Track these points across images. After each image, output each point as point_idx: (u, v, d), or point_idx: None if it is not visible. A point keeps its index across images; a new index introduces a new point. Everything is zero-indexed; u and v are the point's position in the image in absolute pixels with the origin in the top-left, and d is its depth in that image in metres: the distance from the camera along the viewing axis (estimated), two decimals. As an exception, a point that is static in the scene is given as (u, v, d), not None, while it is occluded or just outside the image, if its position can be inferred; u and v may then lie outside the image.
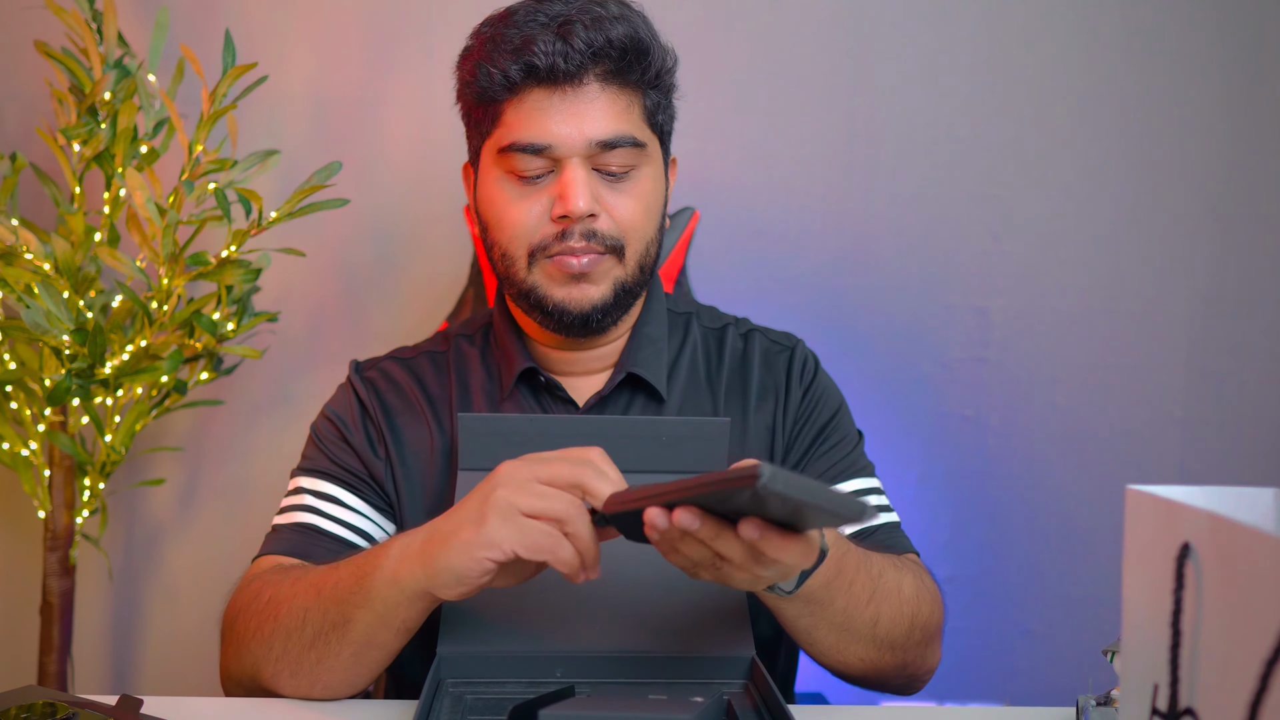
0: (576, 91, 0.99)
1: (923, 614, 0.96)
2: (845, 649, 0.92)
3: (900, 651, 0.95)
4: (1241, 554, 0.50)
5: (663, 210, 1.07)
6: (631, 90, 1.02)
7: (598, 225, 1.00)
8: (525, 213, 1.01)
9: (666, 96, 1.07)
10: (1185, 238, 1.78)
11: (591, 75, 0.99)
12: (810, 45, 1.74)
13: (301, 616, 0.88)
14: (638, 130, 1.02)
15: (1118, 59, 1.76)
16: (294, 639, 0.88)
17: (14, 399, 1.52)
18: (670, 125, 1.09)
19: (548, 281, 1.02)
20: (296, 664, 0.89)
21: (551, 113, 0.99)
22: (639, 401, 1.08)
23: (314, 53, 1.71)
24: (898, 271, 1.77)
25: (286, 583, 0.91)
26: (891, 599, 0.92)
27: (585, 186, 0.99)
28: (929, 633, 0.98)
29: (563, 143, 0.99)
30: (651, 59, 1.02)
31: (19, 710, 0.81)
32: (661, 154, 1.07)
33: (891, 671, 0.97)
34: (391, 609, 0.83)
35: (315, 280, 1.73)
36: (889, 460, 1.70)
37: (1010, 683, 1.80)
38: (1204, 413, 1.80)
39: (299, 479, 1.06)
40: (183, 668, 1.76)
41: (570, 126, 0.99)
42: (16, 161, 1.47)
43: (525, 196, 1.01)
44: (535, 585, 0.89)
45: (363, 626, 0.85)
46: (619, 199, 1.01)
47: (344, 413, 1.09)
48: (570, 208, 0.98)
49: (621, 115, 1.01)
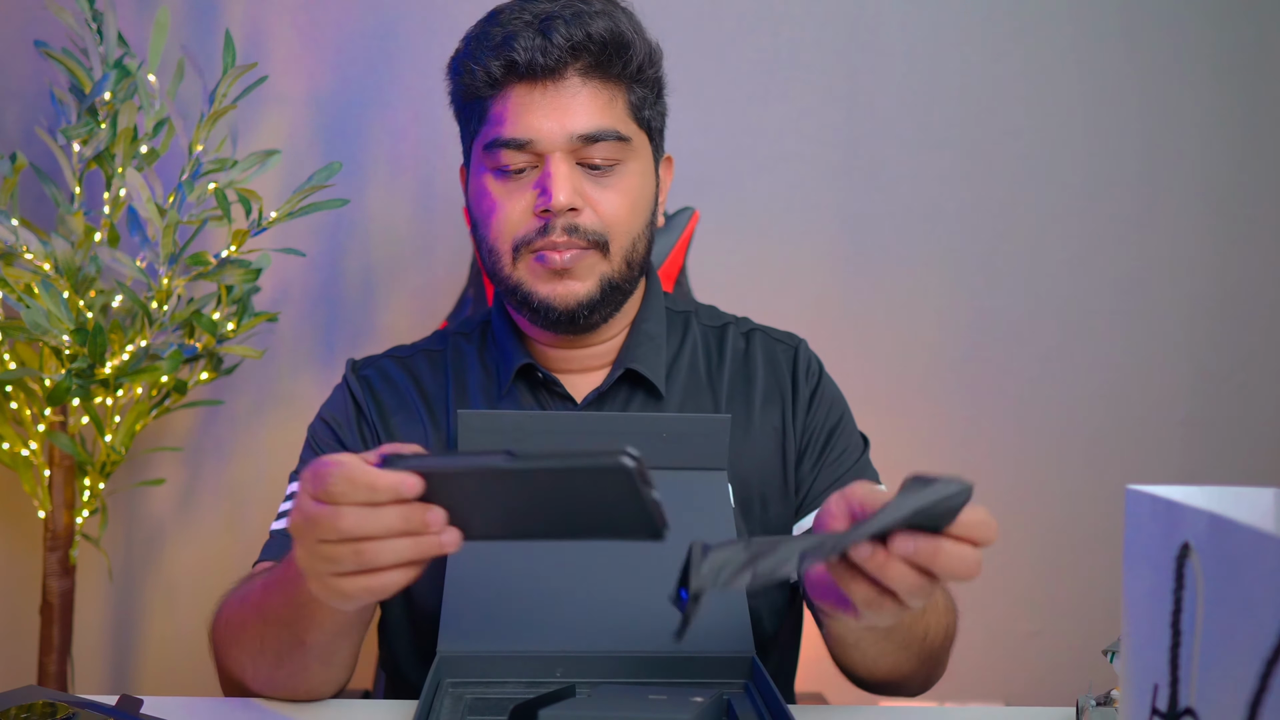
0: (557, 86, 1.00)
1: (951, 622, 0.97)
2: (900, 666, 0.93)
3: (934, 660, 0.96)
4: (1241, 554, 0.50)
5: (652, 207, 1.07)
6: (614, 84, 1.02)
7: (580, 220, 1.00)
8: (510, 208, 1.02)
9: (653, 92, 1.07)
10: (1186, 238, 1.78)
11: (572, 70, 1.00)
12: (810, 45, 1.74)
13: (259, 643, 0.88)
14: (621, 124, 1.02)
15: (1118, 59, 1.76)
16: (261, 662, 0.89)
17: (14, 399, 1.52)
18: (660, 122, 1.09)
19: (531, 278, 1.02)
20: (269, 680, 0.90)
21: (533, 108, 1.00)
22: (638, 398, 1.08)
23: (314, 53, 1.71)
24: (898, 271, 1.77)
25: (236, 604, 0.92)
26: (935, 610, 0.93)
27: (567, 180, 0.99)
28: (953, 638, 0.99)
29: (544, 137, 0.99)
30: (633, 53, 1.02)
31: (19, 710, 0.81)
32: (651, 151, 1.07)
33: (920, 678, 0.98)
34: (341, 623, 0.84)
35: (315, 280, 1.73)
36: (889, 460, 1.70)
37: (1010, 683, 1.80)
38: (1204, 413, 1.80)
39: (295, 484, 1.06)
40: (183, 668, 1.76)
41: (552, 121, 0.99)
42: (16, 161, 1.47)
43: (510, 192, 1.02)
44: (535, 586, 0.89)
45: (319, 644, 0.85)
46: (603, 194, 1.02)
47: (338, 414, 1.09)
48: (551, 200, 0.99)
49: (604, 109, 1.01)
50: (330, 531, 0.68)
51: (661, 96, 1.08)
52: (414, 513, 0.68)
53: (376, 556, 0.68)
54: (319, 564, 0.70)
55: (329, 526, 0.68)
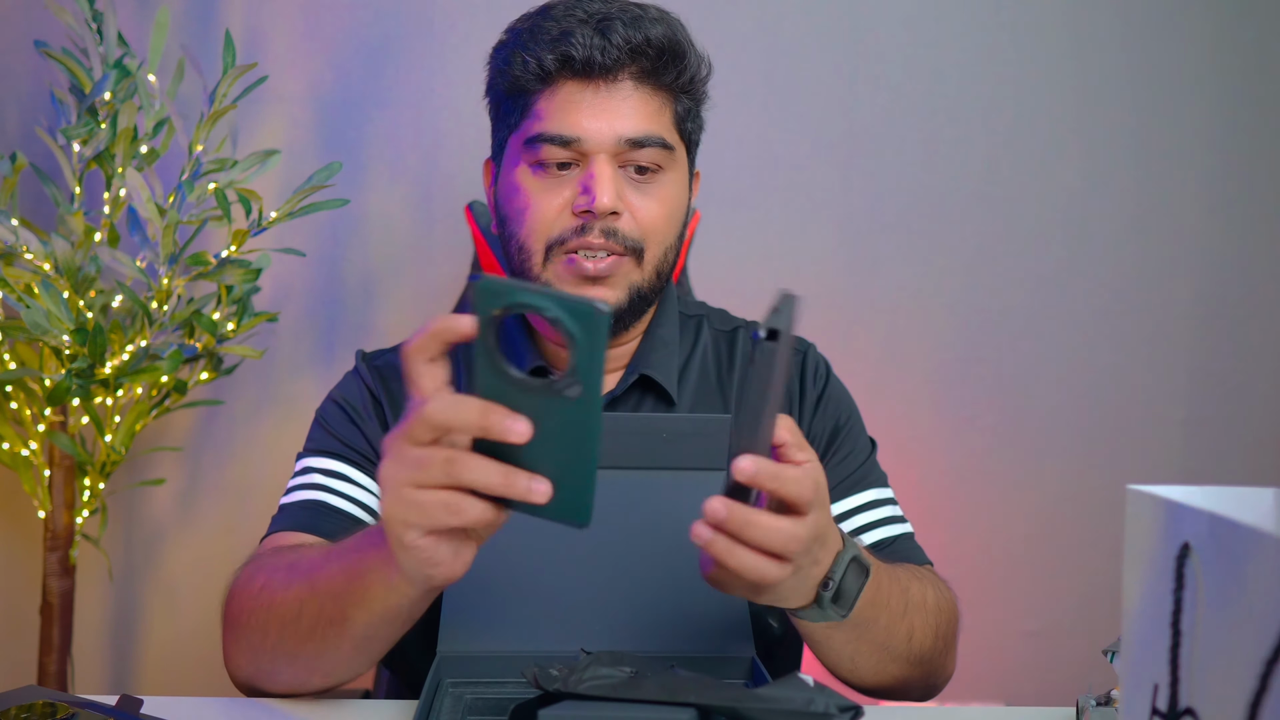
0: (610, 87, 0.99)
1: (943, 623, 0.95)
2: (884, 669, 0.91)
3: (928, 664, 0.94)
4: (1241, 554, 0.50)
5: (685, 219, 1.07)
6: (664, 93, 1.02)
7: (619, 224, 0.99)
8: (546, 205, 1.00)
9: (697, 105, 1.06)
10: (1185, 238, 1.78)
11: (626, 73, 0.99)
12: (810, 45, 1.74)
13: (297, 609, 0.84)
14: (667, 133, 1.02)
15: (1118, 59, 1.76)
16: (289, 630, 0.85)
17: (14, 399, 1.52)
18: (698, 136, 1.09)
19: (561, 281, 1.01)
20: (293, 654, 0.86)
21: (583, 106, 0.99)
22: (649, 403, 1.08)
23: (314, 53, 1.71)
24: (898, 271, 1.77)
25: (280, 569, 0.88)
26: (919, 611, 0.91)
27: (611, 183, 0.98)
28: (950, 641, 0.97)
29: (592, 137, 0.98)
30: (687, 63, 1.02)
31: (19, 710, 0.81)
32: (687, 163, 1.07)
33: (918, 683, 0.96)
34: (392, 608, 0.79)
35: (315, 280, 1.73)
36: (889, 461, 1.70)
37: (1010, 683, 1.80)
38: (1204, 413, 1.80)
39: (306, 460, 1.05)
40: (183, 668, 1.76)
41: (601, 121, 0.98)
42: (16, 161, 1.47)
43: (548, 189, 1.00)
44: (536, 586, 0.89)
45: (361, 625, 0.81)
46: (643, 200, 1.01)
47: (353, 398, 1.08)
48: (595, 202, 0.97)
49: (653, 116, 1.01)
50: (421, 427, 0.67)
51: (702, 110, 1.08)
52: (495, 416, 0.65)
53: (465, 469, 0.66)
54: (406, 476, 0.68)
55: (420, 422, 0.67)
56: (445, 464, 0.66)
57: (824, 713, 0.67)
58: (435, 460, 0.67)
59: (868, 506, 1.06)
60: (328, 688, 0.89)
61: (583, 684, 0.72)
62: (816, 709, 0.67)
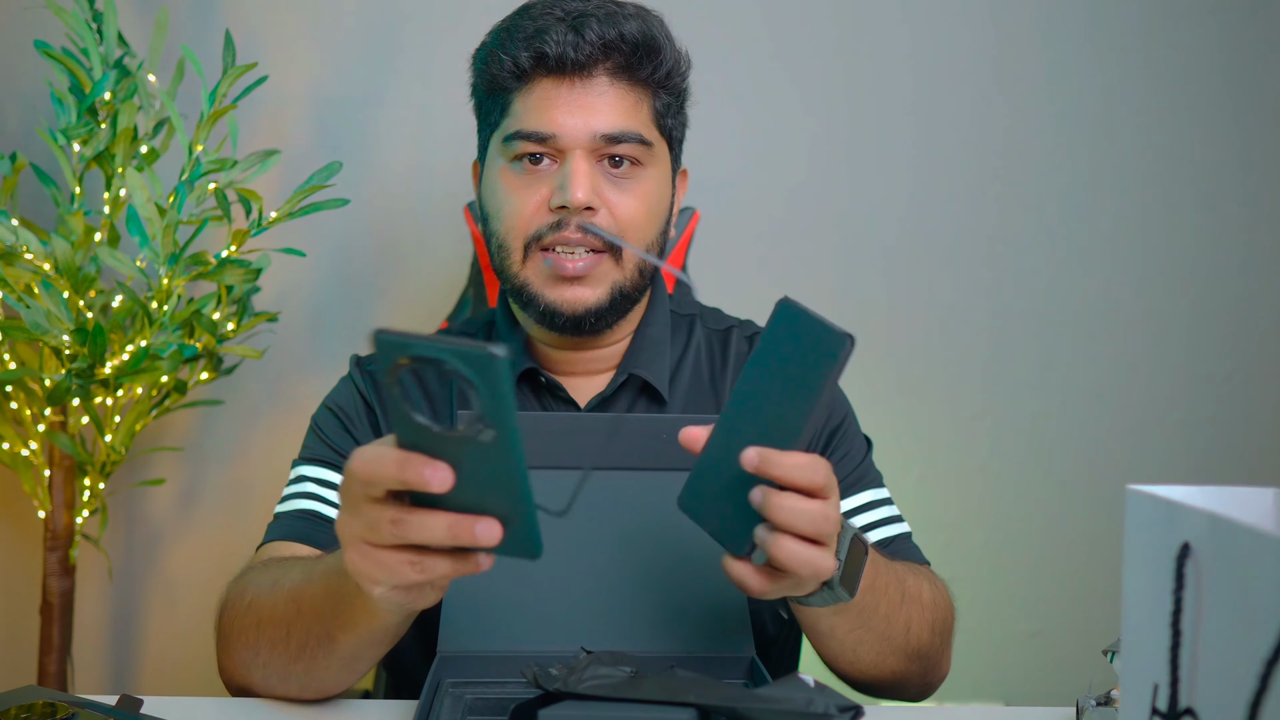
0: (585, 84, 0.99)
1: (939, 620, 0.96)
2: (884, 661, 0.91)
3: (925, 659, 0.95)
4: (1241, 554, 0.50)
5: (667, 216, 1.07)
6: (641, 88, 1.02)
7: (596, 220, 1.00)
8: (523, 202, 1.01)
9: (678, 101, 1.06)
10: (1185, 238, 1.78)
11: (601, 69, 1.00)
12: (811, 45, 1.74)
13: (285, 630, 0.85)
14: (645, 129, 1.02)
15: (1118, 60, 1.76)
16: (279, 651, 0.86)
17: (14, 399, 1.52)
18: (681, 133, 1.08)
19: (540, 280, 1.01)
20: (284, 673, 0.88)
21: (559, 103, 0.99)
22: (641, 403, 1.08)
23: (314, 53, 1.71)
24: (897, 272, 1.77)
25: (266, 587, 0.89)
26: (916, 603, 0.92)
27: (586, 178, 0.99)
28: (946, 638, 0.98)
29: (567, 133, 0.99)
30: (663, 58, 1.02)
31: (19, 710, 0.81)
32: (670, 160, 1.07)
33: (915, 679, 0.97)
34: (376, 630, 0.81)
35: (315, 280, 1.73)
36: (889, 461, 1.71)
37: (1010, 683, 1.80)
38: (1204, 413, 1.80)
39: (300, 468, 1.05)
40: (183, 668, 1.76)
41: (576, 118, 0.99)
42: (16, 161, 1.47)
43: (525, 186, 1.01)
44: (536, 586, 0.89)
45: (348, 646, 0.83)
46: (620, 196, 1.01)
47: (346, 405, 1.08)
48: (569, 197, 0.98)
49: (629, 112, 1.01)
50: (349, 481, 0.66)
51: (684, 107, 1.08)
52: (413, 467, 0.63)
53: (409, 530, 0.64)
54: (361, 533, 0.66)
55: (347, 477, 0.66)
56: (392, 525, 0.65)
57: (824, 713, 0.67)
58: (383, 520, 0.65)
59: (866, 507, 1.06)
60: (322, 698, 0.90)
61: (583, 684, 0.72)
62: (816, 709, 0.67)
